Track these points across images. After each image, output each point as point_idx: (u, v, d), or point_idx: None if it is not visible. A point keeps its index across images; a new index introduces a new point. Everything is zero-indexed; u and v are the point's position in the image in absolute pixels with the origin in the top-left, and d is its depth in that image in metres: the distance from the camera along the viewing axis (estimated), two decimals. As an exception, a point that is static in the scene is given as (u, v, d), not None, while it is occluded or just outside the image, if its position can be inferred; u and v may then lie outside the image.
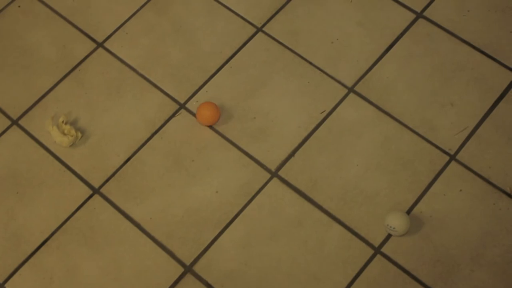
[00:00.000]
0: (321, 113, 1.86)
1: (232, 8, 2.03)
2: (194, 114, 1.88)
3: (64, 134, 1.85)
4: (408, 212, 1.73)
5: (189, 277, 1.69)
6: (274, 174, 1.80)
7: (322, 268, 1.68)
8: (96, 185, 1.81)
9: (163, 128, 1.87)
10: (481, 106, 1.86)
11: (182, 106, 1.90)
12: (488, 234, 1.70)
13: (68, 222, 1.77)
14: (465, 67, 1.91)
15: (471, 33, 1.96)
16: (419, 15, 1.99)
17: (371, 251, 1.69)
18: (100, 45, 1.99)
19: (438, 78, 1.90)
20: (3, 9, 2.07)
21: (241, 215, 1.76)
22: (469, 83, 1.89)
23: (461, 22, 1.98)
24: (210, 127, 1.86)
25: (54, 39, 2.01)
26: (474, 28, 1.97)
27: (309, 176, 1.79)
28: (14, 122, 1.90)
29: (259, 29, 1.99)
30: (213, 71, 1.94)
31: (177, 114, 1.88)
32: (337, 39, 1.96)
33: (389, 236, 1.71)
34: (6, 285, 1.71)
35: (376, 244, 1.70)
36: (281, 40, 1.97)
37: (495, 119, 1.84)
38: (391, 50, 1.94)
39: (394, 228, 1.68)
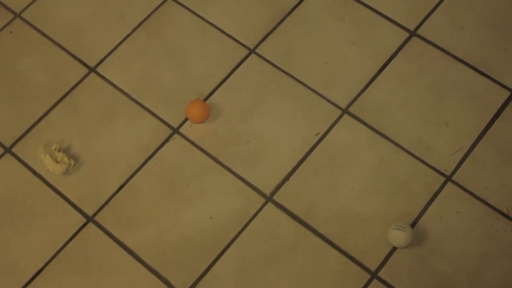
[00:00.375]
0: (315, 135, 1.85)
1: (225, 30, 2.02)
2: (187, 139, 1.87)
3: (57, 162, 1.83)
4: (405, 235, 1.72)
5: (184, 306, 1.69)
6: (269, 198, 1.78)
7: (319, 294, 1.67)
8: (90, 213, 1.80)
9: (157, 154, 1.86)
10: (476, 125, 1.84)
11: (175, 130, 1.88)
12: (485, 257, 1.68)
13: (62, 252, 1.75)
14: (459, 86, 1.90)
15: (465, 50, 1.94)
16: (413, 33, 1.98)
17: (368, 276, 1.68)
18: (92, 70, 1.98)
19: (433, 97, 1.88)
20: (-6, 35, 2.07)
21: (236, 241, 1.74)
22: (464, 102, 1.87)
23: (455, 39, 1.96)
24: (203, 151, 1.84)
25: (46, 65, 2.00)
26: (468, 45, 1.95)
27: (304, 200, 1.78)
28: (7, 150, 1.89)
29: (251, 51, 1.98)
30: (206, 94, 1.93)
31: (170, 139, 1.87)
32: (331, 59, 1.95)
33: (386, 260, 1.69)
34: (1, 317, 1.70)
35: (373, 269, 1.68)
36: (274, 62, 1.96)
37: (490, 138, 1.82)
38: (385, 70, 1.93)
39: (403, 227, 1.67)
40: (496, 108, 1.86)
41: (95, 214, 1.79)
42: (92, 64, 1.99)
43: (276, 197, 1.78)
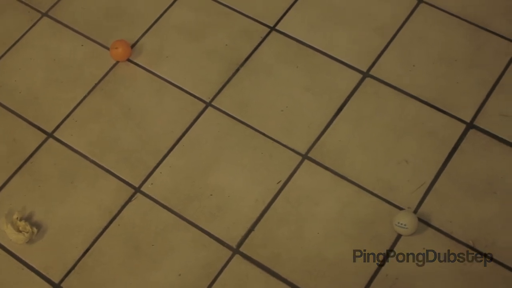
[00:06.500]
0: (277, 183, 1.85)
1: (180, 85, 2.02)
2: (150, 197, 1.86)
3: (19, 231, 1.81)
4: (373, 276, 1.71)
5: None
6: (235, 251, 1.77)
7: None
8: (57, 281, 1.77)
9: (120, 215, 1.85)
10: (435, 161, 1.86)
11: (137, 190, 1.87)
12: (455, 291, 1.69)
13: (30, 322, 1.73)
14: (416, 123, 1.91)
15: (419, 87, 1.97)
16: (366, 74, 2.00)
17: (340, 321, 1.68)
18: (50, 135, 1.98)
19: (391, 136, 1.90)
20: (-51, 108, 2.06)
21: (206, 297, 1.73)
22: (422, 138, 1.89)
23: (407, 77, 1.99)
24: (167, 208, 1.83)
25: (3, 134, 1.99)
26: (421, 82, 1.98)
27: (271, 249, 1.77)
28: (-32, 223, 1.86)
29: (208, 104, 1.99)
30: (166, 151, 1.93)
31: (133, 199, 1.86)
32: (287, 107, 1.96)
33: (356, 303, 1.69)
34: None
35: (345, 313, 1.68)
36: (231, 113, 1.97)
37: (450, 172, 1.84)
38: (341, 113, 1.94)
39: (405, 225, 1.71)
40: (453, 141, 1.88)
41: (61, 281, 1.77)
42: (49, 129, 1.99)
43: (242, 249, 1.77)
